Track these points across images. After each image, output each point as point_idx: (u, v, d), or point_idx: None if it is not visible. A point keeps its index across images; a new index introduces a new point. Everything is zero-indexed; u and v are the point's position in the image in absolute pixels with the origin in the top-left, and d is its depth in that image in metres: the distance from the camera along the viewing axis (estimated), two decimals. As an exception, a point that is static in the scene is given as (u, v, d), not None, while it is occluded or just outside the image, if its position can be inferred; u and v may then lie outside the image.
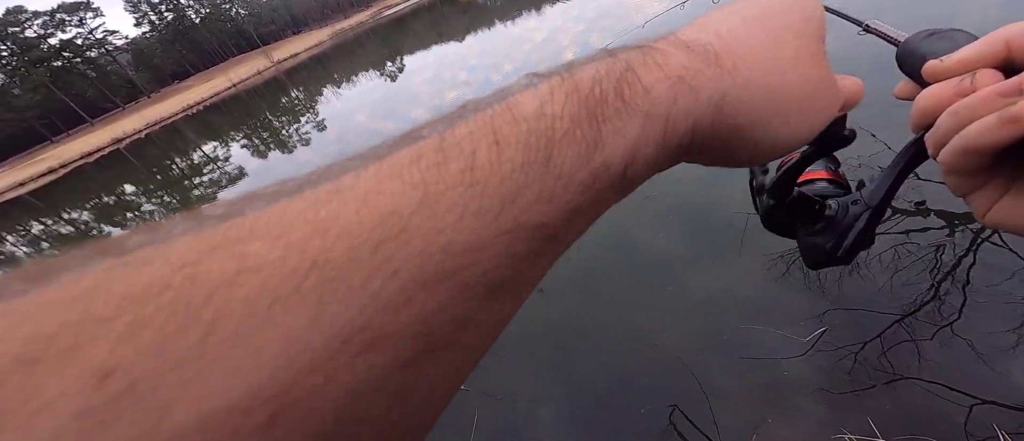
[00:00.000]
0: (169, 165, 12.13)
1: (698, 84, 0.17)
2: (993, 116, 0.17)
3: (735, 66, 0.18)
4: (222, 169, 8.56)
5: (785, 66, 0.19)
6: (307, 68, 24.93)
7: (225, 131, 13.80)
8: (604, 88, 0.15)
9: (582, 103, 0.15)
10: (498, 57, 8.06)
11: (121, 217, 8.27)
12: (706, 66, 0.17)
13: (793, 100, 0.19)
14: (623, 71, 0.16)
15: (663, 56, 0.17)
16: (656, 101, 0.16)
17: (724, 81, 0.17)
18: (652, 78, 0.16)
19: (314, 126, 8.95)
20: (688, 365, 1.49)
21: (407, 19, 29.65)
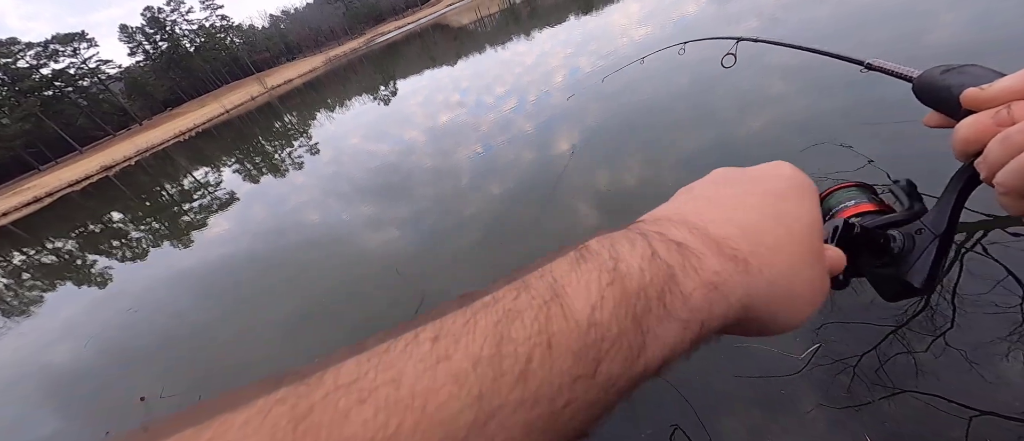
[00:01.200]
0: (159, 192, 11.99)
1: (729, 290, 0.18)
2: None
3: (760, 269, 0.19)
4: (213, 194, 8.48)
5: (797, 267, 0.21)
6: (301, 93, 25.20)
7: (217, 156, 13.76)
8: (649, 295, 0.16)
9: (629, 310, 0.16)
10: (489, 80, 8.23)
11: (107, 245, 8.09)
12: (735, 271, 0.19)
13: (800, 296, 0.21)
14: (666, 279, 0.17)
15: (698, 259, 0.18)
16: (694, 309, 0.17)
17: (751, 286, 0.19)
18: (691, 286, 0.18)
19: (307, 150, 8.97)
20: (678, 389, 1.47)
21: (399, 45, 30.36)
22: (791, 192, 0.23)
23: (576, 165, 3.46)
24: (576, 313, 0.15)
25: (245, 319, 3.36)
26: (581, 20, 10.94)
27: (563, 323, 0.15)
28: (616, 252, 0.18)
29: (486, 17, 25.79)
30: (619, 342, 0.15)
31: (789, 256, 0.21)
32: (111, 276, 6.06)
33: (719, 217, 0.21)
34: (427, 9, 78.30)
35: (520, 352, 0.14)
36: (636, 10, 9.10)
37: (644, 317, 0.16)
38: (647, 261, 0.17)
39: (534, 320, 0.15)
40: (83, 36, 58.93)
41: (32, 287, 7.61)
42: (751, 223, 0.21)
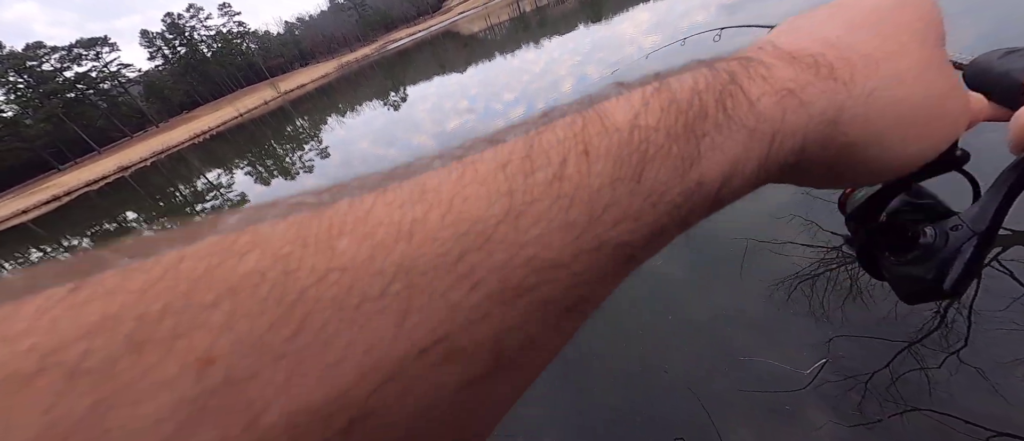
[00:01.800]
0: (172, 192, 12.24)
1: (810, 98, 0.15)
2: None
3: (852, 77, 0.16)
4: (225, 196, 8.63)
5: (908, 75, 0.16)
6: (313, 98, 25.63)
7: (230, 159, 14.02)
8: (705, 100, 0.14)
9: (680, 115, 0.14)
10: (498, 87, 8.30)
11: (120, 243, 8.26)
12: (817, 79, 0.16)
13: (917, 115, 0.16)
14: (726, 83, 0.15)
15: (767, 68, 0.16)
16: (763, 116, 0.15)
17: (840, 94, 0.15)
18: (758, 91, 0.15)
19: (318, 153, 9.11)
20: (696, 394, 1.45)
21: (410, 52, 30.81)
22: (894, 3, 0.18)
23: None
24: (616, 121, 0.13)
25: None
26: (590, 29, 11.02)
27: (601, 128, 0.13)
28: (670, 72, 0.16)
29: (496, 25, 26.10)
30: (667, 147, 0.13)
31: (895, 63, 0.16)
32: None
33: (795, 36, 0.18)
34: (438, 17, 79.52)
35: (552, 157, 0.13)
36: (645, 19, 9.14)
37: (698, 122, 0.14)
38: (702, 73, 0.15)
39: (568, 128, 0.13)
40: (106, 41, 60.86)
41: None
42: (838, 35, 0.17)
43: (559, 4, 23.08)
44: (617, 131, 0.13)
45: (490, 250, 0.11)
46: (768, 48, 0.17)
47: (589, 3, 16.96)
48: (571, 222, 0.12)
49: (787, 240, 1.92)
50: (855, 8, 0.18)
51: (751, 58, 0.16)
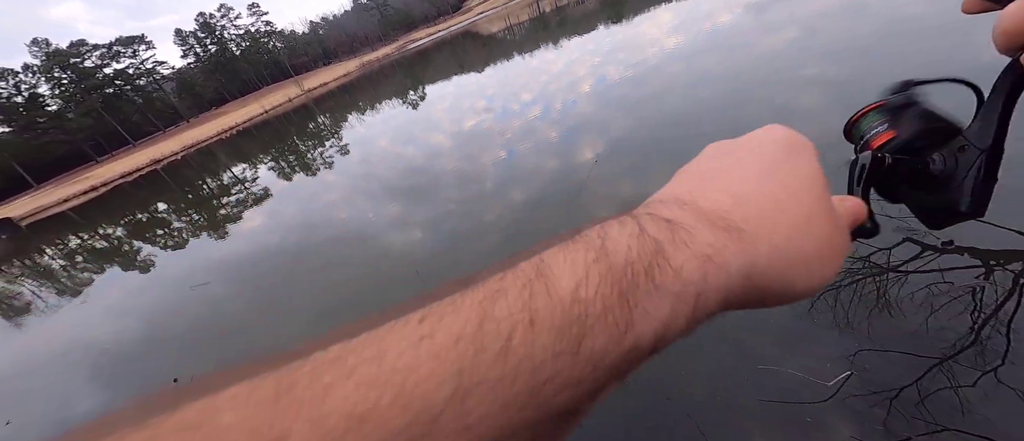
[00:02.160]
0: (201, 185, 12.74)
1: (724, 261, 0.17)
2: None
3: (758, 235, 0.18)
4: (249, 190, 8.92)
5: (801, 225, 0.19)
6: (335, 96, 26.23)
7: (254, 154, 14.49)
8: (636, 270, 0.16)
9: (615, 285, 0.15)
10: (516, 87, 8.31)
11: (152, 233, 8.65)
12: (731, 241, 0.18)
13: (812, 257, 0.19)
14: (653, 253, 0.17)
15: (688, 234, 0.18)
16: (686, 282, 0.16)
17: (748, 253, 0.18)
18: (681, 258, 0.17)
19: (338, 150, 9.31)
20: (696, 409, 1.42)
21: (430, 52, 31.17)
22: (784, 152, 0.22)
23: (599, 174, 3.43)
24: (560, 290, 0.15)
25: (274, 308, 3.50)
26: (610, 29, 10.90)
27: (546, 300, 0.15)
28: (605, 232, 0.17)
29: (515, 25, 26.11)
30: (604, 317, 0.15)
31: (790, 217, 0.19)
32: (154, 262, 6.46)
33: (710, 190, 0.20)
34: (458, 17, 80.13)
35: (502, 329, 0.14)
36: (668, 20, 8.98)
37: (631, 292, 0.16)
38: (634, 238, 0.17)
39: (517, 297, 0.15)
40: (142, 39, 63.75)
41: (83, 269, 8.21)
42: (744, 191, 0.20)
43: (579, 4, 22.94)
44: (560, 302, 0.15)
45: (435, 434, 0.12)
46: (689, 208, 0.19)
47: (610, 3, 16.78)
48: (514, 397, 0.13)
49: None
50: (756, 159, 0.21)
51: (674, 222, 0.18)
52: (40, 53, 56.39)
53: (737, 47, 5.30)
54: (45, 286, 8.02)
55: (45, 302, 6.86)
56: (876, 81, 3.04)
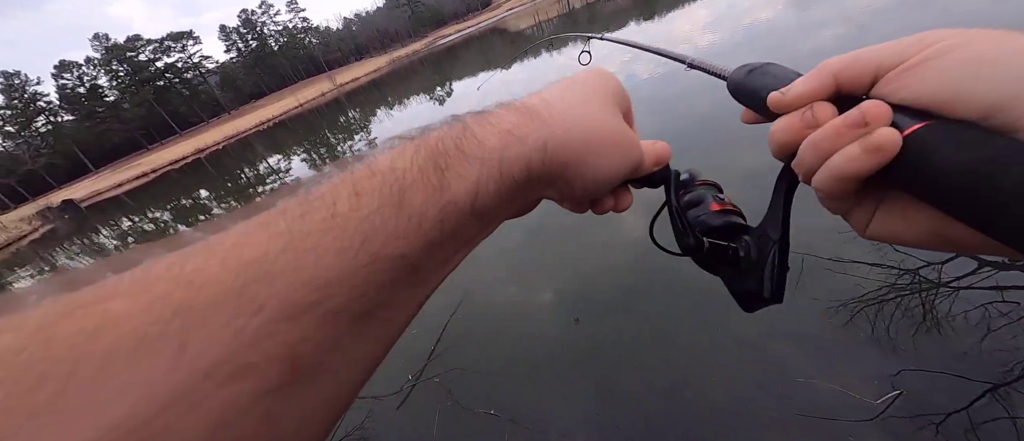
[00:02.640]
0: (239, 174, 13.42)
1: (523, 134, 0.21)
2: (855, 146, 0.19)
3: (552, 117, 0.23)
4: (282, 180, 9.34)
5: (592, 117, 0.24)
6: (365, 91, 26.95)
7: (289, 145, 15.11)
8: (445, 144, 0.20)
9: (428, 155, 0.19)
10: (542, 84, 8.24)
11: (194, 218, 9.20)
12: (529, 121, 0.22)
13: (602, 142, 0.24)
14: (462, 131, 0.21)
15: (495, 118, 0.22)
16: (489, 149, 0.20)
17: (544, 130, 0.22)
18: (485, 133, 0.21)
19: (366, 144, 9.58)
20: (737, 417, 1.37)
21: (458, 48, 31.42)
22: (588, 77, 0.27)
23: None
24: (379, 165, 0.18)
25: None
26: (641, 26, 10.64)
27: (366, 173, 0.18)
28: (426, 128, 0.21)
29: (544, 21, 25.90)
30: (420, 179, 0.18)
31: (583, 109, 0.24)
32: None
33: (529, 98, 0.25)
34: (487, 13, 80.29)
35: (326, 198, 0.16)
36: (703, 16, 8.67)
37: (441, 158, 0.19)
38: (448, 125, 0.21)
39: (339, 177, 0.18)
40: (190, 34, 67.58)
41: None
42: (551, 94, 0.25)
43: (609, 0, 22.49)
44: (380, 173, 0.18)
45: (271, 280, 0.14)
46: (501, 108, 0.24)
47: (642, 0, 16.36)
48: (344, 247, 0.15)
49: (851, 258, 1.76)
50: (570, 80, 0.27)
51: (487, 112, 0.23)
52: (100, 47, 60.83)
53: (776, 46, 5.06)
54: (100, 263, 8.68)
55: (100, 278, 7.42)
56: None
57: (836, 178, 0.20)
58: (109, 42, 61.08)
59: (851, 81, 0.21)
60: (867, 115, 0.19)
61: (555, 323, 2.12)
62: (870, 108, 0.19)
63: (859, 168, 0.19)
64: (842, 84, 0.22)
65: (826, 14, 5.37)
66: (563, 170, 0.23)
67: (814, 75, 0.23)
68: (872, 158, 0.19)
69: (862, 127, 0.19)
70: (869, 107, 0.19)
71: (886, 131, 0.18)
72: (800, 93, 0.23)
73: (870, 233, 0.23)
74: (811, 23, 5.29)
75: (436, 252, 0.18)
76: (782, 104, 0.24)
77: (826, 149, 0.21)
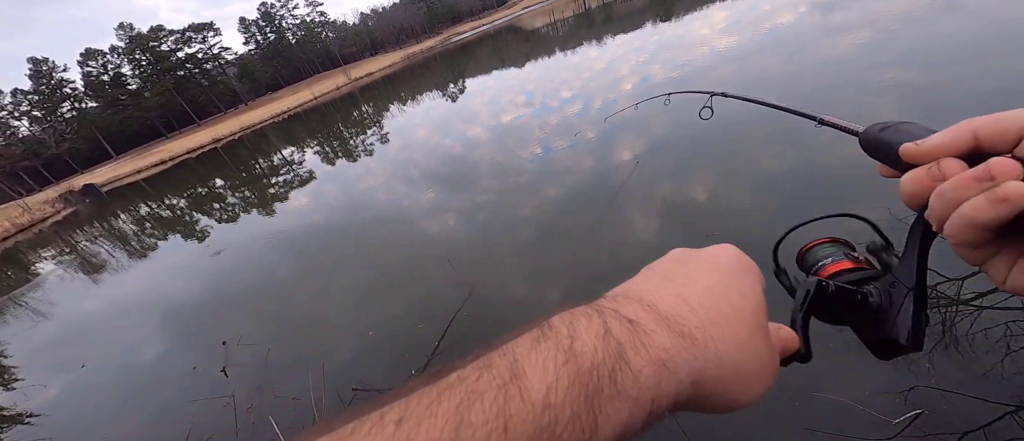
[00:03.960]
0: (253, 164, 13.66)
1: (677, 367, 0.20)
2: (982, 196, 0.20)
3: (706, 344, 0.21)
4: (295, 172, 9.48)
5: (743, 342, 0.22)
6: (379, 86, 27.17)
7: (303, 138, 15.33)
8: (601, 373, 0.18)
9: (582, 389, 0.17)
10: (556, 84, 8.23)
11: (209, 206, 9.40)
12: (684, 347, 0.20)
13: (749, 372, 0.22)
14: (617, 357, 0.19)
15: (647, 337, 0.20)
16: (644, 387, 0.18)
17: (698, 361, 0.20)
18: (641, 363, 0.19)
19: (379, 139, 9.66)
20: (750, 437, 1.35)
21: (472, 45, 31.47)
22: (736, 272, 0.25)
23: (639, 176, 3.33)
24: (532, 394, 0.16)
25: (320, 281, 3.71)
26: (658, 27, 10.51)
27: (520, 405, 0.16)
28: (574, 329, 0.19)
29: (559, 21, 25.77)
30: (572, 423, 0.16)
31: (735, 332, 0.22)
32: (209, 232, 7.02)
33: (670, 294, 0.23)
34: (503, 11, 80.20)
35: (477, 436, 0.15)
36: (722, 17, 8.53)
37: (596, 397, 0.17)
38: (600, 339, 0.19)
39: (493, 402, 0.16)
40: (211, 26, 68.87)
41: (151, 234, 9.06)
42: (699, 301, 0.23)
43: (626, 2, 22.26)
44: (532, 408, 0.16)
45: None
46: (651, 310, 0.22)
47: (659, 1, 16.16)
48: None
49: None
50: (711, 272, 0.25)
51: (635, 322, 0.20)
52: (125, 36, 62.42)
53: (798, 50, 4.95)
54: (118, 247, 8.93)
55: (117, 261, 7.64)
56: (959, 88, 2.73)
57: (964, 225, 0.21)
58: (133, 31, 62.64)
59: (993, 140, 0.22)
60: (993, 169, 0.20)
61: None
62: (997, 163, 0.20)
63: (986, 216, 0.20)
64: (983, 142, 0.22)
65: (850, 17, 5.23)
66: (704, 399, 0.21)
67: (953, 129, 0.23)
68: (998, 208, 0.19)
69: (988, 180, 0.20)
70: (996, 162, 0.20)
71: (1014, 183, 0.19)
72: (935, 144, 0.23)
73: (1009, 285, 0.22)
74: (835, 27, 5.16)
75: None
76: (915, 155, 0.24)
77: (953, 199, 0.21)
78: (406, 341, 2.44)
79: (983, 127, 0.22)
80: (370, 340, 2.60)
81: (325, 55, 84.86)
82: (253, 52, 79.48)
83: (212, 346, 3.19)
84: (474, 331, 2.32)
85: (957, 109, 2.64)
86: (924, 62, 3.39)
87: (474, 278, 2.77)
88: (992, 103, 2.46)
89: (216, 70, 72.96)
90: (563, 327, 0.19)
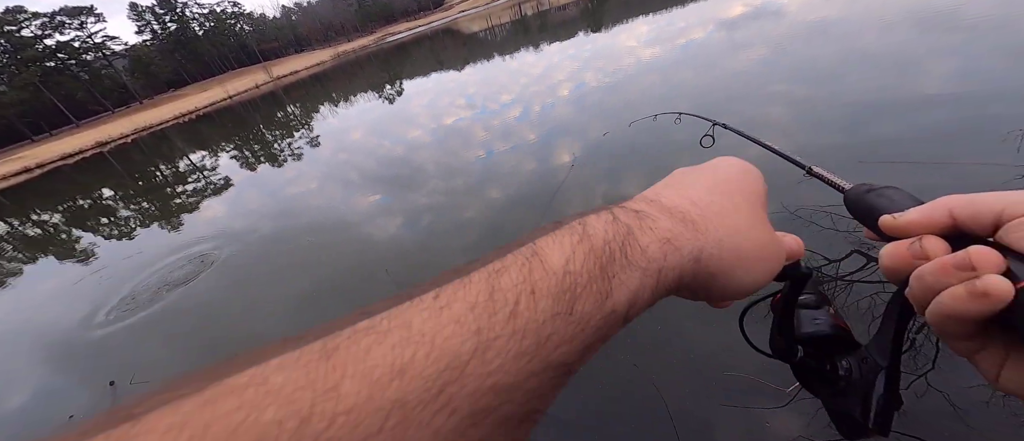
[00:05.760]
0: (153, 171, 11.86)
1: (681, 244, 0.22)
2: (962, 287, 0.19)
3: (706, 228, 0.23)
4: (208, 178, 8.41)
5: (743, 228, 0.24)
6: (306, 85, 25.21)
7: (216, 141, 13.67)
8: (612, 248, 0.20)
9: (596, 260, 0.19)
10: (496, 88, 8.30)
11: (94, 221, 7.96)
12: (685, 230, 0.22)
13: (750, 255, 0.24)
14: (626, 235, 0.21)
15: (653, 221, 0.22)
16: (651, 259, 0.20)
17: (699, 240, 0.22)
18: (647, 240, 0.21)
19: (308, 142, 8.95)
20: (666, 405, 1.47)
21: (408, 46, 30.58)
22: (735, 175, 0.27)
23: (576, 177, 3.47)
24: (553, 265, 0.18)
25: (245, 294, 3.30)
26: (590, 37, 11.11)
27: (543, 273, 0.18)
28: (585, 219, 0.21)
29: (496, 26, 26.08)
30: (589, 286, 0.18)
31: (734, 220, 0.24)
32: (94, 250, 5.95)
33: (672, 194, 0.25)
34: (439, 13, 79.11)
35: (508, 297, 0.17)
36: (644, 31, 9.26)
37: (609, 265, 0.19)
38: (610, 224, 0.21)
39: (519, 271, 0.18)
40: (91, 10, 58.71)
41: (12, 258, 7.44)
42: (699, 197, 0.25)
43: (560, 11, 23.22)
44: (554, 274, 0.18)
45: (463, 382, 0.14)
46: (655, 203, 0.24)
47: (590, 12, 17.09)
48: (524, 351, 0.16)
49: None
50: (711, 177, 0.27)
51: (641, 211, 0.22)
52: (-33, 17, 50.71)
53: (709, 64, 5.54)
54: (-36, 276, 7.19)
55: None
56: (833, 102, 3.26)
57: (945, 317, 0.20)
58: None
59: (970, 221, 0.21)
60: (974, 259, 0.19)
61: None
62: (978, 252, 0.19)
63: (965, 310, 0.19)
64: (960, 222, 0.22)
65: (750, 36, 6.00)
66: (710, 280, 0.23)
67: (929, 206, 0.23)
68: (978, 303, 0.18)
69: (968, 270, 0.19)
70: (977, 251, 0.19)
71: (995, 278, 0.18)
72: (912, 221, 0.23)
73: (1002, 384, 0.21)
74: (738, 43, 5.87)
75: (587, 354, 0.19)
76: (893, 228, 0.24)
77: (933, 285, 0.20)
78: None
79: (958, 207, 0.22)
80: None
81: (240, 50, 76.76)
82: (149, 43, 69.27)
83: (98, 387, 2.70)
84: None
85: (831, 119, 3.14)
86: (806, 77, 3.99)
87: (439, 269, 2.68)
88: (858, 114, 2.99)
89: (100, 62, 62.30)
90: (575, 220, 0.21)
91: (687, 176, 0.27)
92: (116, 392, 2.61)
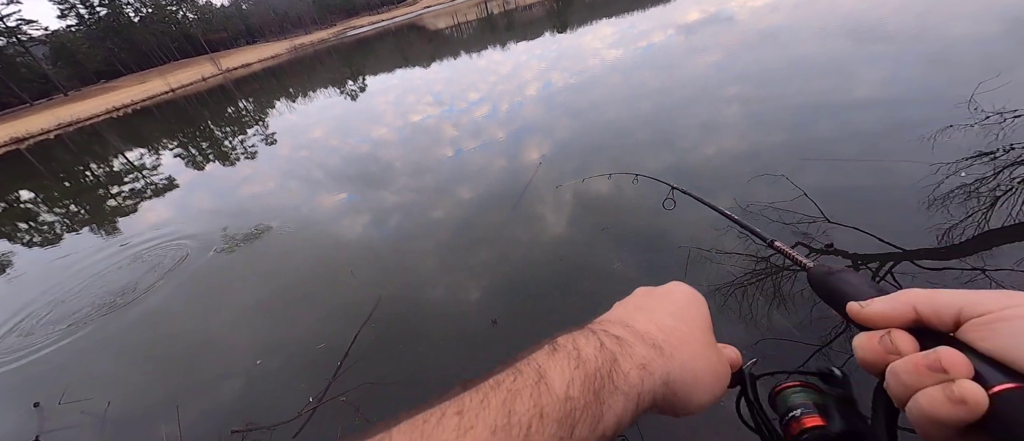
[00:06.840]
0: (82, 171, 10.71)
1: (653, 369, 0.26)
2: (939, 390, 0.19)
3: (672, 354, 0.27)
4: (148, 178, 7.71)
5: (699, 352, 0.28)
6: (260, 79, 23.74)
7: (156, 138, 12.57)
8: (602, 374, 0.23)
9: (590, 386, 0.23)
10: (463, 86, 8.22)
11: (11, 227, 7.07)
12: (657, 356, 0.26)
13: (705, 375, 0.28)
14: (612, 362, 0.24)
15: (631, 348, 0.26)
16: (632, 384, 0.24)
17: (667, 365, 0.26)
18: (628, 366, 0.25)
19: (263, 139, 8.43)
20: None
21: (371, 41, 29.57)
22: (688, 301, 0.32)
23: (544, 175, 3.51)
24: (557, 389, 0.22)
25: (193, 304, 3.05)
26: (556, 37, 11.25)
27: (549, 398, 0.21)
28: (577, 344, 0.25)
29: (463, 24, 25.81)
30: (586, 411, 0.22)
31: (692, 346, 0.28)
32: (10, 259, 5.29)
33: (642, 319, 0.30)
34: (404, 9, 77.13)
35: (523, 421, 0.20)
36: (608, 33, 9.51)
37: (601, 391, 0.23)
38: (598, 350, 0.25)
39: (530, 396, 0.21)
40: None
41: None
42: (664, 323, 0.29)
43: (526, 10, 23.36)
44: (558, 399, 0.21)
45: None
46: (630, 330, 0.28)
47: (555, 13, 17.32)
48: None
49: (728, 250, 2.09)
50: (672, 303, 0.31)
51: (621, 338, 0.26)
52: None
53: (669, 66, 5.78)
54: None
55: None
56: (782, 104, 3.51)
57: (926, 420, 0.20)
58: None
59: (931, 317, 0.23)
60: (944, 361, 0.20)
61: (476, 324, 2.11)
62: (947, 357, 0.20)
63: (946, 415, 0.19)
64: (923, 318, 0.23)
65: (705, 40, 6.32)
66: (674, 398, 0.27)
67: (892, 300, 0.24)
68: (958, 409, 0.19)
69: (940, 371, 0.20)
70: (947, 355, 0.20)
71: (970, 385, 0.19)
72: (878, 312, 0.25)
73: None
74: (695, 47, 6.17)
75: None
76: (860, 317, 0.26)
77: (909, 385, 0.21)
78: (299, 366, 2.17)
79: (921, 303, 0.23)
80: (258, 370, 2.25)
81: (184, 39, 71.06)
82: (74, 29, 62.54)
83: (22, 409, 2.41)
84: (383, 343, 2.18)
85: (777, 120, 3.37)
86: (755, 81, 4.26)
87: (380, 283, 2.60)
88: (800, 115, 3.23)
89: (14, 48, 55.55)
90: (568, 343, 0.25)
91: (650, 299, 0.32)
92: (43, 413, 2.34)
